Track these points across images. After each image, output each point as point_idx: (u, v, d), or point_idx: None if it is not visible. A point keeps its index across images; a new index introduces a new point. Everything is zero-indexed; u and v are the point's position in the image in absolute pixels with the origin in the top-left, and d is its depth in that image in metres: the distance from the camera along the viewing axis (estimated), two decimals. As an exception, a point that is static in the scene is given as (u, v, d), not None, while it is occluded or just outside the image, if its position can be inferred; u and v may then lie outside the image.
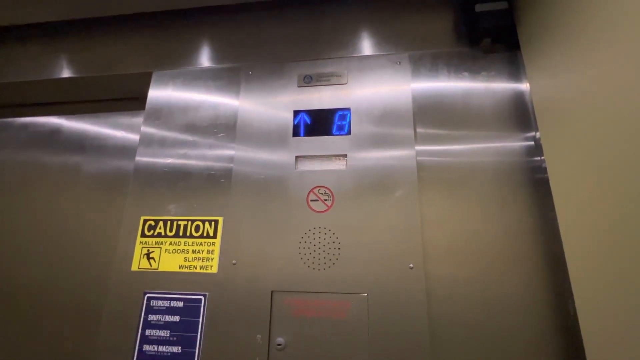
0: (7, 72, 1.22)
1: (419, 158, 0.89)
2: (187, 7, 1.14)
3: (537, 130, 0.84)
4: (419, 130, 0.92)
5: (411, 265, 0.79)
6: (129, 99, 1.23)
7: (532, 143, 0.86)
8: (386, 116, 0.92)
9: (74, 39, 1.22)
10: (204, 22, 1.14)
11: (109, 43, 1.18)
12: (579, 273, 0.68)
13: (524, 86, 0.91)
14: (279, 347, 0.78)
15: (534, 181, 0.83)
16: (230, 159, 0.96)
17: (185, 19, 1.15)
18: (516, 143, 0.87)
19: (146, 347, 0.82)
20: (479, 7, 0.89)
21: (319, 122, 0.94)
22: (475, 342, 0.75)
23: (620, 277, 0.57)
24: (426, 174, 0.88)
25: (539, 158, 0.84)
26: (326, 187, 0.88)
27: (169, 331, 0.83)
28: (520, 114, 0.89)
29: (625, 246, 0.55)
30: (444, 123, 0.91)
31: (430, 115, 0.92)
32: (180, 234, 0.91)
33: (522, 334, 0.74)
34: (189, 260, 0.88)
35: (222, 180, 0.94)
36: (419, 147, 0.90)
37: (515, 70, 0.93)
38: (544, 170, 0.80)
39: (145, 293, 0.87)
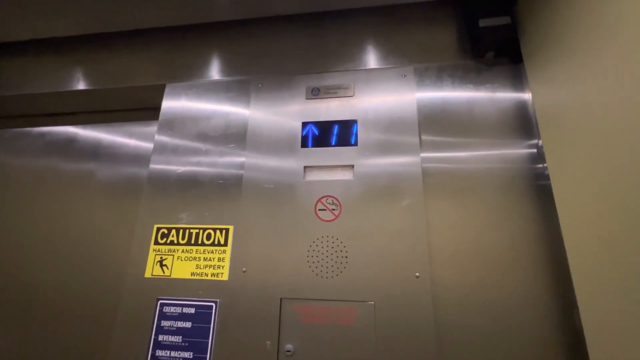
0: (26, 84, 1.27)
1: (424, 165, 0.91)
2: (199, 22, 1.18)
3: (539, 138, 0.86)
4: (424, 137, 0.94)
5: (417, 274, 0.80)
6: (142, 109, 1.27)
7: (535, 150, 0.88)
8: (392, 128, 0.94)
9: (90, 53, 1.26)
10: (215, 36, 1.18)
11: (124, 56, 1.23)
12: (582, 280, 0.69)
13: (527, 96, 0.93)
14: (288, 353, 0.79)
15: (538, 187, 0.85)
16: (241, 169, 0.99)
17: (197, 33, 1.19)
18: (519, 150, 0.89)
19: (159, 353, 0.85)
20: (482, 22, 0.91)
21: (327, 133, 0.96)
22: (481, 347, 0.76)
23: (624, 284, 0.58)
24: (432, 180, 0.89)
25: (541, 165, 0.86)
26: (334, 197, 0.90)
27: (181, 337, 0.85)
28: (523, 122, 0.91)
29: (629, 253, 0.57)
30: (448, 132, 0.93)
31: (435, 125, 0.95)
32: (192, 241, 0.94)
33: (527, 340, 0.75)
34: (200, 268, 0.91)
35: (232, 190, 0.97)
36: (424, 154, 0.92)
37: (518, 81, 0.95)
38: (547, 177, 0.82)
39: (158, 299, 0.89)
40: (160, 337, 0.86)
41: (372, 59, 1.05)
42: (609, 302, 0.61)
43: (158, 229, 0.97)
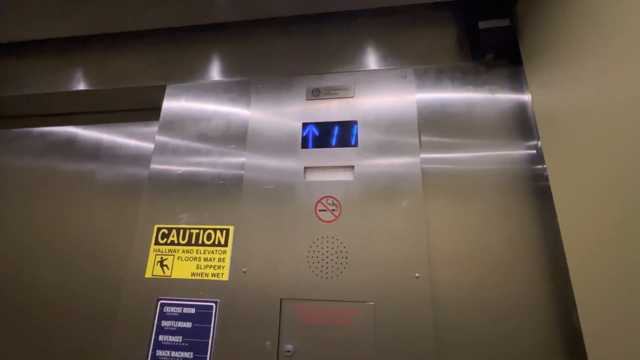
0: (27, 84, 1.28)
1: (424, 165, 0.91)
2: (200, 24, 1.18)
3: (538, 139, 0.86)
4: (424, 138, 0.94)
5: (417, 274, 0.81)
6: (143, 109, 1.27)
7: (534, 152, 0.89)
8: (392, 128, 0.95)
9: (91, 53, 1.27)
10: (216, 37, 1.19)
11: (124, 57, 1.23)
12: (581, 281, 0.69)
13: (526, 97, 0.93)
14: (288, 353, 0.80)
15: (537, 188, 0.85)
16: (241, 169, 0.99)
17: (198, 34, 1.20)
18: (519, 151, 0.90)
19: (159, 353, 0.85)
20: (482, 25, 0.92)
21: (327, 134, 0.97)
22: (480, 348, 0.77)
23: (623, 285, 0.58)
24: (431, 181, 0.90)
25: (541, 166, 0.86)
26: (334, 198, 0.90)
27: (181, 337, 0.85)
28: (522, 124, 0.92)
29: (628, 254, 0.57)
30: (448, 133, 0.94)
31: (435, 126, 0.95)
32: (193, 242, 0.94)
33: (526, 340, 0.76)
34: (201, 268, 0.91)
35: (233, 190, 0.97)
36: (424, 155, 0.92)
37: (517, 83, 0.95)
38: (546, 178, 0.82)
39: (158, 299, 0.90)
40: (161, 337, 0.86)
41: (372, 61, 1.05)
42: (608, 302, 0.61)
43: (158, 229, 0.97)
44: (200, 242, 0.94)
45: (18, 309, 1.11)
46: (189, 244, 0.94)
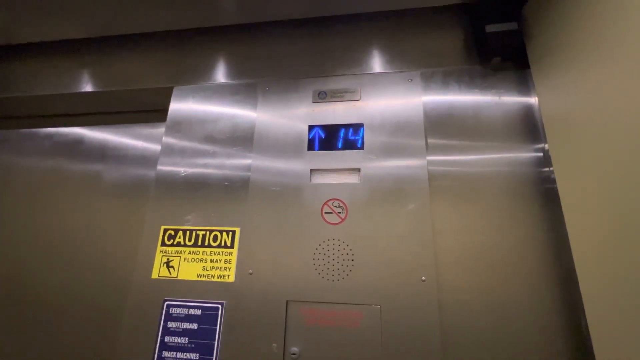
0: (35, 85, 1.29)
1: (430, 168, 0.91)
2: (206, 26, 1.19)
3: (545, 141, 0.86)
4: (430, 141, 0.94)
5: (423, 278, 0.80)
6: (150, 111, 1.28)
7: (541, 154, 0.88)
8: (399, 131, 0.95)
9: (98, 55, 1.28)
10: (222, 39, 1.19)
11: (132, 59, 1.24)
12: (588, 284, 0.69)
13: (533, 100, 0.93)
14: (294, 356, 0.80)
15: (544, 191, 0.85)
16: (247, 171, 0.99)
17: (205, 36, 1.21)
18: (525, 154, 0.89)
19: (165, 354, 0.85)
20: (489, 28, 0.91)
21: (334, 137, 0.97)
22: (486, 351, 0.76)
23: (631, 288, 0.58)
24: (438, 183, 0.90)
25: (548, 169, 0.86)
26: (340, 200, 0.91)
27: (187, 338, 0.86)
28: (529, 126, 0.91)
29: (636, 257, 0.57)
30: (455, 136, 0.94)
31: (441, 129, 0.95)
32: (199, 243, 0.94)
33: (533, 343, 0.75)
34: (207, 270, 0.91)
35: (239, 192, 0.98)
36: (430, 158, 0.92)
37: (524, 86, 0.95)
38: (553, 180, 0.82)
39: (164, 300, 0.90)
40: (167, 339, 0.86)
41: (378, 63, 1.06)
42: (617, 306, 0.61)
43: (165, 231, 0.97)
44: (206, 243, 0.94)
45: (25, 310, 1.12)
46: (195, 245, 0.94)
